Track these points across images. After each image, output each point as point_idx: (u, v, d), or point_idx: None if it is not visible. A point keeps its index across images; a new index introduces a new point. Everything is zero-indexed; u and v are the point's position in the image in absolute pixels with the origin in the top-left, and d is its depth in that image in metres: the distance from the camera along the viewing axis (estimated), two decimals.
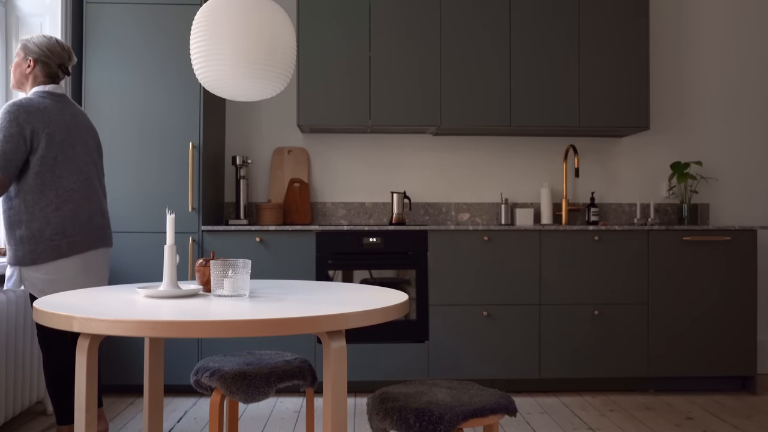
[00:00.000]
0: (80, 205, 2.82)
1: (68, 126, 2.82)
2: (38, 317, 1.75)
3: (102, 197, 2.96)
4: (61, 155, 2.77)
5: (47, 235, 2.73)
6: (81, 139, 2.87)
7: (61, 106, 2.83)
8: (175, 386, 3.97)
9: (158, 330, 1.57)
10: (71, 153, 2.81)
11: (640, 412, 3.62)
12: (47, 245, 2.74)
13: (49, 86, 2.86)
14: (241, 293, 1.99)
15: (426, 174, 4.60)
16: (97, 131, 3.06)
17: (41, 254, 2.73)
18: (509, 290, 3.94)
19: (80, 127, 2.88)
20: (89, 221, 2.85)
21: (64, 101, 2.88)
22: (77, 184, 2.82)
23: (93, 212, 2.87)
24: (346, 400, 1.79)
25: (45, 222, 2.74)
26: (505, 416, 3.45)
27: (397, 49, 4.19)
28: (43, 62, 2.85)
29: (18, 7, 3.74)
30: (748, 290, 3.99)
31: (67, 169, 2.79)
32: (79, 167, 2.83)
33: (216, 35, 2.27)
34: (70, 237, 2.78)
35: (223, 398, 2.25)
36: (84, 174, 2.85)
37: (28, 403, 3.32)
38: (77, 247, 2.80)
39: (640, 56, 4.27)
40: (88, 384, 1.82)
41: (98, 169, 2.97)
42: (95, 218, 2.88)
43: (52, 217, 2.74)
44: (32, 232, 2.73)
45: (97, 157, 2.96)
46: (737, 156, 4.69)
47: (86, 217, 2.84)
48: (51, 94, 2.84)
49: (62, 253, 2.76)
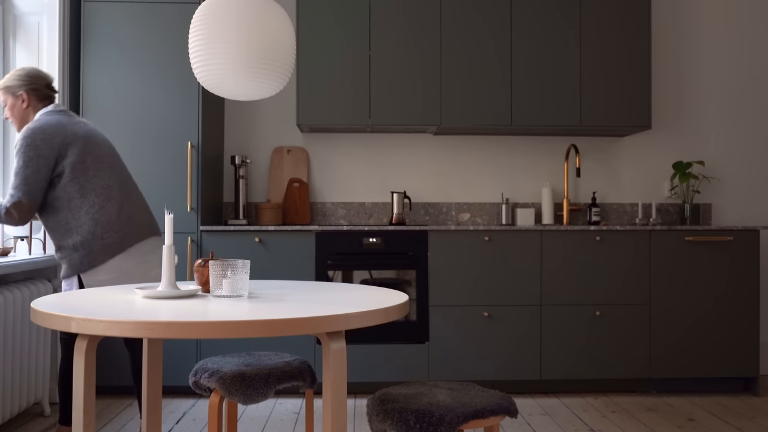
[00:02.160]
0: (121, 200, 2.85)
1: (86, 131, 2.86)
2: (36, 318, 1.74)
3: (139, 190, 3.01)
4: (89, 157, 2.81)
5: (99, 235, 2.77)
6: (100, 141, 2.89)
7: (68, 117, 2.87)
8: (174, 387, 3.96)
9: (157, 331, 1.56)
10: (99, 152, 2.85)
11: (642, 414, 3.61)
12: (101, 244, 2.77)
13: (50, 106, 2.89)
14: (240, 294, 1.98)
15: (426, 174, 4.58)
16: None
17: (98, 255, 2.77)
18: (510, 291, 3.93)
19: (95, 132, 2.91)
20: (135, 213, 2.89)
21: (70, 113, 2.92)
22: (113, 180, 2.85)
23: (136, 204, 2.91)
24: (345, 401, 1.78)
25: (93, 223, 2.77)
26: (505, 417, 3.44)
27: (398, 47, 4.17)
28: (32, 89, 2.87)
29: (15, 6, 3.73)
30: (751, 291, 3.97)
31: (100, 168, 2.83)
32: (111, 165, 2.88)
33: (215, 34, 2.26)
34: (120, 231, 2.81)
35: (222, 399, 2.24)
36: (116, 170, 2.89)
37: (26, 404, 3.31)
38: (128, 240, 2.83)
39: (642, 55, 4.25)
40: (87, 385, 1.80)
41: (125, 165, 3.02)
42: (139, 210, 2.92)
43: (99, 217, 2.78)
44: (84, 236, 2.76)
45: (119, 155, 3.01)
46: (740, 155, 4.67)
47: (131, 210, 2.87)
48: (55, 111, 2.87)
49: (116, 249, 2.79)
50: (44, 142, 2.72)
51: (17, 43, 3.74)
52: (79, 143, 2.79)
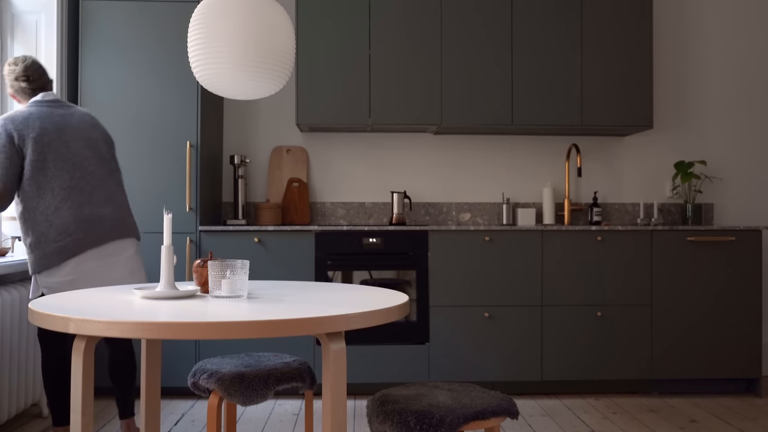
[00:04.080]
0: (80, 201, 2.76)
1: (58, 126, 2.79)
2: (34, 318, 1.73)
3: (113, 189, 2.88)
4: (51, 155, 2.74)
5: (52, 237, 2.71)
6: (77, 136, 2.82)
7: (50, 110, 2.82)
8: (173, 388, 3.94)
9: (155, 331, 1.56)
10: (64, 151, 2.77)
11: (644, 415, 3.59)
12: (54, 247, 2.71)
13: (39, 95, 2.87)
14: (239, 294, 1.96)
15: (426, 173, 4.56)
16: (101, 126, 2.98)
17: (51, 258, 2.71)
18: (511, 291, 3.91)
19: (74, 125, 2.84)
20: (93, 215, 2.78)
21: (56, 104, 2.86)
22: (74, 181, 2.76)
23: (96, 205, 2.80)
24: (345, 402, 1.77)
25: (47, 225, 2.71)
26: (506, 419, 3.42)
27: (397, 46, 4.15)
28: (22, 88, 2.88)
29: (13, 5, 3.71)
30: (753, 291, 3.96)
31: (61, 167, 2.75)
32: (76, 163, 2.78)
33: (214, 33, 2.24)
34: (75, 234, 2.73)
35: (221, 400, 2.22)
36: (82, 169, 2.79)
37: (23, 405, 3.29)
38: (85, 243, 2.74)
39: (644, 54, 4.23)
40: (84, 386, 1.79)
41: (104, 162, 2.88)
42: (100, 211, 2.80)
43: (53, 219, 2.71)
44: (38, 237, 2.72)
45: (103, 150, 2.90)
46: (742, 155, 4.66)
47: (89, 212, 2.77)
48: (40, 102, 2.84)
49: (71, 252, 2.72)
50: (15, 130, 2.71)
51: (15, 41, 3.72)
52: (43, 140, 2.73)
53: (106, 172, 2.88)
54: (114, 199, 2.87)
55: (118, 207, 2.88)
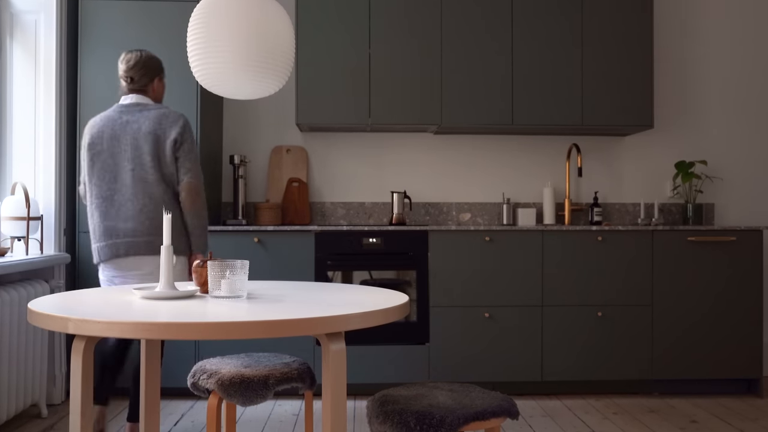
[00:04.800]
0: (107, 212, 2.85)
1: (113, 135, 2.86)
2: (33, 319, 1.72)
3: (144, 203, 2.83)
4: (97, 164, 2.87)
5: (92, 240, 2.91)
6: (126, 147, 2.84)
7: (117, 117, 2.89)
8: (172, 389, 3.93)
9: (155, 332, 1.55)
10: (110, 162, 2.86)
11: (644, 415, 3.58)
12: (93, 249, 2.91)
13: (125, 98, 2.96)
14: (239, 294, 1.96)
15: (427, 173, 4.55)
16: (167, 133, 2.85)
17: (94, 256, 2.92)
18: (511, 291, 3.90)
19: (131, 134, 2.84)
20: (114, 229, 2.83)
21: (127, 109, 2.90)
22: (109, 192, 2.85)
23: (120, 220, 2.83)
24: (345, 403, 1.76)
25: (90, 228, 2.92)
26: (506, 419, 3.41)
27: (397, 45, 4.15)
28: (122, 86, 3.00)
29: (12, 4, 3.70)
30: (754, 291, 3.95)
31: (102, 177, 2.86)
32: (115, 175, 2.86)
33: (213, 33, 2.24)
34: (100, 243, 2.86)
35: (220, 401, 2.22)
36: (119, 182, 2.85)
37: (23, 406, 3.28)
38: (105, 254, 2.86)
39: (644, 54, 4.23)
40: (84, 386, 1.78)
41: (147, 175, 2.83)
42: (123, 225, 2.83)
43: (91, 223, 2.91)
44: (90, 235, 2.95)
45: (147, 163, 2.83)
46: (742, 155, 4.65)
47: (111, 225, 2.84)
48: (119, 106, 2.93)
49: (99, 258, 2.89)
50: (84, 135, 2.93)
51: (14, 41, 3.71)
52: (95, 148, 2.87)
53: (142, 186, 2.84)
54: (141, 215, 2.83)
55: (142, 223, 2.83)
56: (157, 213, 2.85)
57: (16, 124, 3.72)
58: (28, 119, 3.72)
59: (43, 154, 3.72)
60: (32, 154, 3.72)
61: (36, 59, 3.72)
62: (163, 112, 2.89)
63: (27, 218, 3.48)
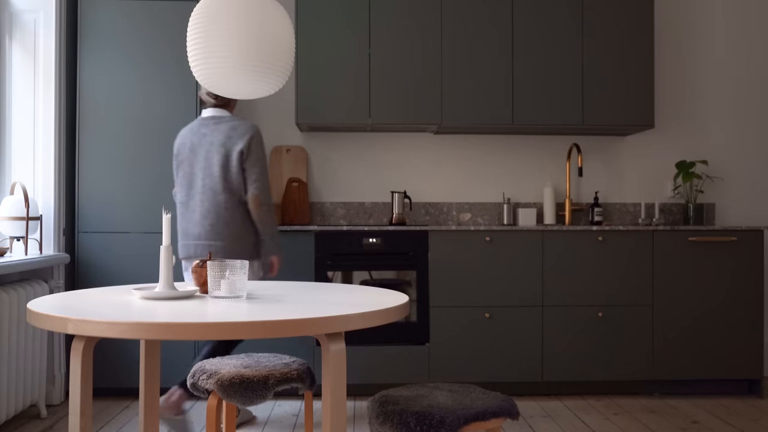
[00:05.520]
0: (185, 216, 3.22)
1: (192, 146, 3.21)
2: (32, 319, 1.71)
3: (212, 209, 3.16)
4: (180, 171, 3.23)
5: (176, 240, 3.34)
6: (202, 157, 3.18)
7: (198, 128, 3.23)
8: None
9: (154, 332, 1.55)
10: (188, 171, 3.21)
11: (645, 416, 3.58)
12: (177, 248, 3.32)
13: (206, 111, 3.29)
14: (239, 295, 1.95)
15: (427, 173, 4.55)
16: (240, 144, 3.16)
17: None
18: (511, 291, 3.89)
19: (207, 146, 3.18)
20: (188, 231, 3.21)
21: (205, 122, 3.24)
22: (185, 198, 3.22)
23: (192, 224, 3.19)
24: (345, 403, 1.76)
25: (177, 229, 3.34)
26: (507, 420, 3.41)
27: (398, 45, 4.14)
28: (203, 100, 3.31)
29: (11, 4, 3.70)
30: (755, 291, 3.94)
31: (183, 184, 3.22)
32: (192, 183, 3.21)
33: (213, 32, 2.23)
34: (179, 243, 3.26)
35: (220, 401, 2.21)
36: (194, 188, 3.20)
37: (22, 406, 3.27)
38: (181, 253, 3.23)
39: (645, 53, 4.22)
40: (83, 387, 1.78)
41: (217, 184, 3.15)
42: (194, 230, 3.18)
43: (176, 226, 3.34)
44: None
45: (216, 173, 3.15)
46: (743, 155, 4.65)
47: (185, 228, 3.22)
48: (199, 118, 3.28)
49: (179, 255, 3.28)
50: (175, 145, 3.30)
51: (13, 41, 3.71)
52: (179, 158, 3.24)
53: (210, 195, 3.17)
54: (205, 221, 3.16)
55: (206, 229, 3.16)
56: (219, 220, 3.16)
57: (15, 123, 3.71)
58: (28, 119, 3.71)
59: (42, 154, 3.71)
60: (31, 154, 3.72)
61: (35, 59, 3.71)
62: (234, 124, 3.22)
63: (26, 218, 3.47)
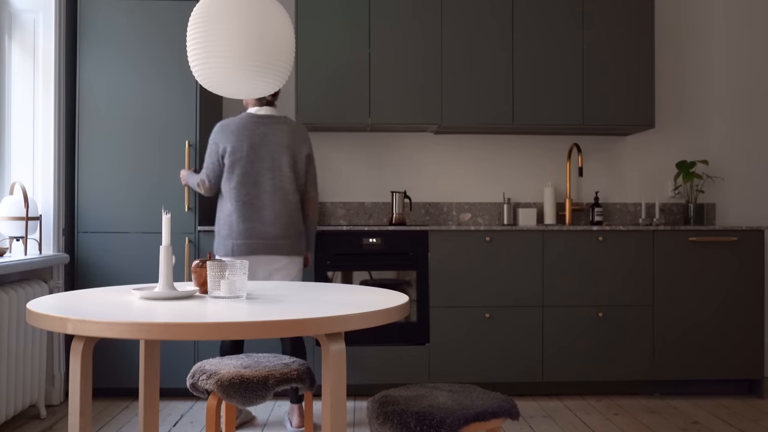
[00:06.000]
0: (247, 215, 3.24)
1: (253, 144, 3.25)
2: (32, 319, 1.71)
3: (281, 209, 3.27)
4: (238, 170, 3.24)
5: (223, 235, 3.27)
6: (267, 156, 3.26)
7: (255, 127, 3.27)
8: (171, 389, 3.92)
9: (154, 332, 1.55)
10: (249, 169, 3.24)
11: (645, 416, 3.57)
12: (222, 244, 3.27)
13: (254, 108, 3.33)
14: (238, 295, 1.95)
15: (427, 173, 4.54)
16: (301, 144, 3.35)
17: (218, 249, 3.29)
18: (512, 292, 3.89)
19: (270, 145, 3.26)
20: (254, 230, 3.23)
21: (263, 121, 3.29)
22: (248, 197, 3.24)
23: (261, 222, 3.24)
24: (345, 403, 1.75)
25: (222, 224, 3.28)
26: (507, 420, 3.40)
27: (397, 44, 4.13)
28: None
29: (11, 3, 3.69)
30: (756, 291, 3.94)
31: (244, 182, 3.24)
32: (256, 182, 3.25)
33: (213, 32, 2.22)
34: (236, 240, 3.23)
35: (219, 402, 2.21)
36: (259, 188, 3.25)
37: (21, 406, 3.27)
38: (240, 250, 3.23)
39: (645, 53, 4.22)
40: (83, 387, 1.77)
41: (283, 183, 3.28)
42: (264, 228, 3.24)
43: (226, 221, 3.26)
44: (217, 229, 3.32)
45: (286, 172, 3.28)
46: (744, 155, 4.64)
47: (251, 227, 3.23)
48: (251, 115, 3.31)
49: (229, 252, 3.25)
50: (219, 140, 3.27)
51: (12, 41, 3.70)
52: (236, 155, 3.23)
53: (281, 194, 3.28)
54: (279, 219, 3.27)
55: (278, 227, 3.27)
56: (290, 218, 3.29)
57: (14, 123, 3.71)
58: (27, 119, 3.71)
59: (41, 154, 3.71)
60: (31, 153, 3.71)
61: (35, 58, 3.71)
62: (293, 125, 3.35)
63: (26, 218, 3.47)
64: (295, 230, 3.33)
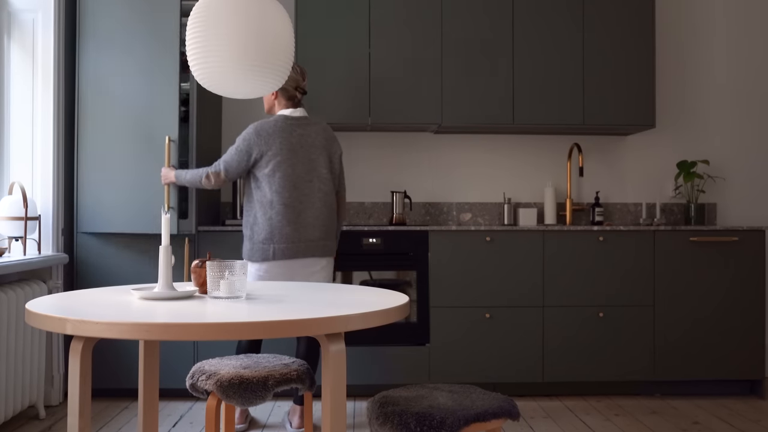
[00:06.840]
0: (290, 218, 3.19)
1: (292, 147, 3.21)
2: (31, 320, 1.70)
3: (320, 211, 3.25)
4: (279, 173, 3.19)
5: (260, 239, 3.20)
6: (305, 158, 3.23)
7: (291, 129, 3.24)
8: (171, 390, 3.91)
9: (154, 332, 1.55)
10: (290, 172, 3.20)
11: (646, 417, 3.56)
12: (259, 248, 3.20)
13: (288, 110, 3.30)
14: (238, 295, 1.94)
15: (427, 173, 4.54)
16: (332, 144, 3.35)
17: (254, 254, 3.21)
18: (512, 292, 3.88)
19: (306, 147, 3.24)
20: (296, 233, 3.20)
21: (298, 123, 3.26)
22: (290, 200, 3.19)
23: (303, 225, 3.21)
24: (345, 404, 1.75)
25: (260, 228, 3.21)
26: (507, 420, 3.40)
27: (398, 45, 4.13)
28: (282, 89, 3.29)
29: (10, 3, 3.68)
30: (756, 291, 3.93)
31: (284, 185, 3.19)
32: (296, 185, 3.21)
33: (212, 31, 2.22)
34: (277, 245, 3.18)
35: (219, 402, 2.20)
36: (300, 191, 3.22)
37: (20, 407, 3.26)
38: (282, 254, 3.18)
39: (646, 52, 4.21)
40: (82, 388, 1.77)
41: (321, 185, 3.27)
42: (306, 231, 3.22)
43: (265, 225, 3.19)
44: (251, 234, 3.24)
45: (323, 173, 3.28)
46: (745, 154, 4.63)
47: (293, 230, 3.19)
48: (287, 118, 3.27)
49: (269, 257, 3.18)
50: (255, 144, 3.19)
51: (12, 41, 3.69)
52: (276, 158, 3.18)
53: (321, 196, 3.27)
54: (320, 221, 3.26)
55: (319, 229, 3.26)
56: (330, 219, 3.30)
57: (13, 123, 3.70)
58: (26, 118, 3.70)
59: (41, 154, 3.70)
60: (30, 153, 3.71)
61: (34, 58, 3.70)
62: (323, 126, 3.36)
63: (25, 218, 3.46)
64: (334, 231, 3.35)
